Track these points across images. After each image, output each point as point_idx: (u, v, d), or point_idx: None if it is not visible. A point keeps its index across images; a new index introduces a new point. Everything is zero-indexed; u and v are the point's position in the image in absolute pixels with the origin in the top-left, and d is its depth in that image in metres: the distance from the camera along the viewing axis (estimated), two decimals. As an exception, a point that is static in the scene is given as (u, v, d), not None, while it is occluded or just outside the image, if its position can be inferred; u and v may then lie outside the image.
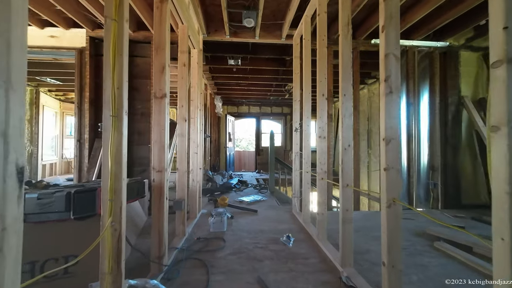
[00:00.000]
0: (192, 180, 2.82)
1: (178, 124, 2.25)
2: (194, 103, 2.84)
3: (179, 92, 2.25)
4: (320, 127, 2.16)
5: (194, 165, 2.84)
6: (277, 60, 4.50)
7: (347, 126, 1.67)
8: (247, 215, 3.09)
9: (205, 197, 4.24)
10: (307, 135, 2.65)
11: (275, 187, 4.78)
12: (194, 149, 2.83)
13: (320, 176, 2.14)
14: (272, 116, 8.81)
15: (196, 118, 2.85)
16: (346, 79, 1.68)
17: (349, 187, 1.65)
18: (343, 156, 1.65)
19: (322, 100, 2.17)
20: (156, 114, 1.62)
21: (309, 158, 2.65)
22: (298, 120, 3.13)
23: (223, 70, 4.99)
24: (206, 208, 3.48)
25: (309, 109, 2.66)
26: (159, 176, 1.61)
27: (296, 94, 3.17)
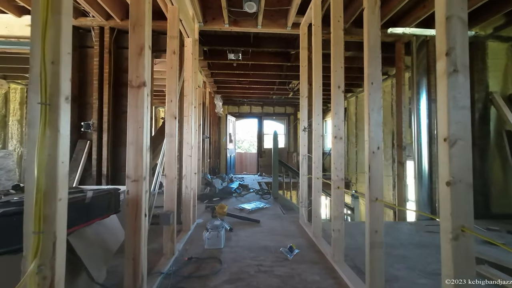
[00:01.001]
0: (185, 187, 2.47)
1: (166, 122, 1.90)
2: (188, 99, 2.50)
3: (168, 85, 1.90)
4: (336, 125, 1.80)
5: (187, 169, 2.49)
6: (281, 54, 4.15)
7: (376, 123, 1.31)
8: (249, 226, 2.73)
9: (203, 203, 3.89)
10: (318, 135, 2.29)
11: (279, 193, 4.42)
12: (188, 151, 2.48)
13: (336, 184, 1.78)
14: (275, 116, 8.46)
15: (190, 116, 2.50)
16: (373, 64, 1.32)
17: (378, 202, 1.28)
18: (370, 161, 1.29)
19: (338, 93, 1.81)
20: (132, 108, 1.27)
21: (320, 162, 2.29)
22: (305, 118, 2.77)
23: (222, 66, 4.66)
24: (202, 217, 3.12)
25: (319, 105, 2.31)
26: (135, 187, 1.26)
27: (304, 89, 2.82)
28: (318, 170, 2.27)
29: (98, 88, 2.75)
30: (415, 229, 2.60)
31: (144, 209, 1.28)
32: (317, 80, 2.30)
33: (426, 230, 2.55)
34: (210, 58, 4.14)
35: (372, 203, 1.28)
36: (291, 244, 2.07)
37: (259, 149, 8.42)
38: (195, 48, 2.70)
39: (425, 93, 3.07)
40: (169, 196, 1.86)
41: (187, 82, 2.50)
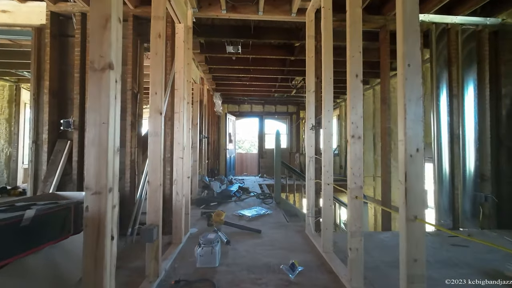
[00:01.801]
0: (176, 193, 2.16)
1: (150, 118, 1.60)
2: (179, 94, 2.19)
3: (152, 74, 1.60)
4: (354, 122, 1.49)
5: (179, 173, 2.18)
6: (284, 47, 3.84)
7: (415, 116, 1.00)
8: (248, 237, 2.42)
9: (199, 208, 3.58)
10: (328, 135, 1.98)
11: (282, 197, 4.10)
12: (179, 152, 2.18)
13: (354, 193, 1.47)
14: (277, 115, 8.15)
15: (182, 113, 2.19)
16: (411, 40, 1.01)
17: (419, 221, 0.97)
18: (407, 167, 0.98)
19: (356, 84, 1.50)
20: (93, 98, 0.97)
21: (331, 166, 1.98)
22: (312, 115, 2.46)
23: (221, 61, 4.35)
24: (197, 225, 2.82)
25: (330, 100, 2.00)
26: (97, 202, 0.95)
27: (310, 83, 2.51)
28: (328, 174, 1.96)
29: (80, 81, 2.45)
30: (438, 242, 2.29)
31: (109, 230, 0.97)
32: (327, 70, 1.99)
33: (451, 244, 2.23)
34: (208, 52, 3.84)
35: (410, 223, 0.97)
36: (293, 261, 1.77)
37: (260, 150, 8.11)
38: (188, 36, 2.40)
39: (445, 88, 2.75)
40: (153, 208, 1.55)
41: (178, 74, 2.20)
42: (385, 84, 2.67)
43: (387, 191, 2.65)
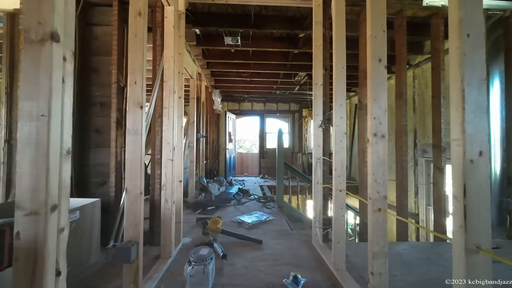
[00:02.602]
0: (165, 200, 1.89)
1: (129, 113, 1.33)
2: (168, 86, 1.92)
3: (131, 60, 1.33)
4: (376, 117, 1.21)
5: (168, 177, 1.91)
6: (287, 39, 3.55)
7: (476, 108, 0.72)
8: (248, 248, 2.15)
9: (195, 214, 3.32)
10: (341, 133, 1.70)
11: (285, 200, 3.83)
12: (169, 154, 1.91)
13: (376, 204, 1.19)
14: (279, 113, 7.86)
15: (172, 109, 1.92)
16: None
17: (483, 253, 0.69)
18: (467, 177, 0.70)
19: (379, 69, 1.22)
20: (28, 80, 0.70)
21: (344, 169, 1.70)
22: (320, 112, 2.18)
23: (219, 54, 4.07)
24: (192, 233, 2.55)
25: (343, 92, 1.72)
26: (33, 225, 0.68)
27: (318, 75, 2.23)
28: (340, 179, 1.68)
29: (59, 73, 2.18)
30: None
31: (52, 263, 0.70)
32: (339, 59, 1.71)
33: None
34: (205, 44, 3.56)
35: (470, 255, 0.69)
36: (295, 273, 1.51)
37: (261, 149, 7.83)
38: (179, 22, 2.12)
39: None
40: (131, 221, 1.28)
41: (167, 63, 1.92)
42: (401, 77, 2.39)
43: (403, 196, 2.37)
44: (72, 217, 1.59)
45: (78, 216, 1.65)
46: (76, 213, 1.64)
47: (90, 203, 1.81)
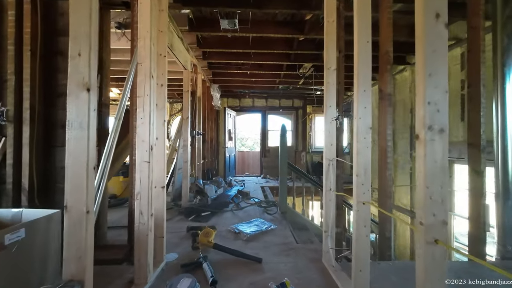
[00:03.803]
0: (139, 213, 1.51)
1: (69, 97, 0.94)
2: (143, 69, 1.52)
3: (72, 21, 0.93)
4: (432, 101, 0.80)
5: (144, 184, 1.52)
6: (291, 23, 3.14)
7: None
8: (244, 269, 1.77)
9: (187, 220, 2.94)
10: (364, 128, 1.30)
11: (288, 205, 3.44)
12: (144, 154, 1.52)
13: (432, 232, 0.78)
14: (281, 110, 7.44)
15: (149, 98, 1.53)
16: None
17: None
18: None
19: (435, 27, 0.81)
20: None
21: (368, 175, 1.30)
22: (333, 103, 1.77)
23: (216, 43, 3.68)
24: (180, 246, 2.17)
25: (367, 75, 1.31)
26: None
27: (330, 58, 1.81)
28: (364, 188, 1.28)
29: (16, 57, 1.81)
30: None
31: None
32: (363, 30, 1.30)
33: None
34: (198, 29, 3.16)
35: None
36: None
37: (263, 148, 7.44)
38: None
39: (513, 65, 2.02)
40: (73, 252, 0.90)
41: (142, 41, 1.53)
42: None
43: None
44: (12, 238, 1.21)
45: (23, 235, 1.28)
46: (19, 232, 1.27)
47: (45, 216, 1.43)
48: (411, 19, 2.99)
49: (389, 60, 1.91)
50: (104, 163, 1.65)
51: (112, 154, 1.70)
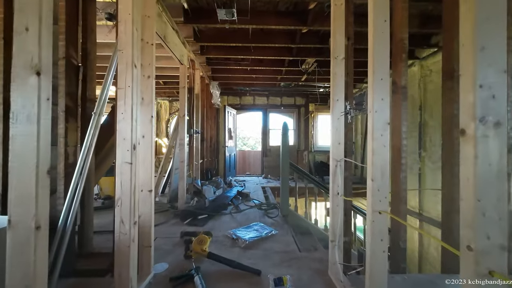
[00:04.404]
0: (119, 221, 1.32)
1: (13, 84, 0.75)
2: (124, 57, 1.33)
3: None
4: (485, 85, 0.60)
5: (125, 188, 1.33)
6: (293, 13, 2.93)
7: None
8: (241, 283, 1.58)
9: (183, 224, 2.76)
10: (381, 123, 1.10)
11: (290, 208, 3.24)
12: (125, 154, 1.33)
13: (486, 262, 0.59)
14: (283, 107, 7.23)
15: (131, 90, 1.34)
16: None
17: None
18: None
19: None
20: None
21: (386, 179, 1.10)
22: (340, 96, 1.57)
23: (214, 36, 3.48)
24: (172, 255, 1.99)
25: (384, 61, 1.10)
26: None
27: (338, 46, 1.61)
28: (381, 195, 1.08)
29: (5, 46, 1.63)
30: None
31: None
32: (379, 8, 1.09)
33: None
34: (195, 21, 2.97)
35: None
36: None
37: (264, 147, 7.24)
38: (146, -28, 1.53)
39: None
40: (16, 278, 0.71)
41: (122, 24, 1.33)
42: (452, 48, 1.74)
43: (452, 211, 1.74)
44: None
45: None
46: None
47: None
48: (423, 7, 2.77)
49: (404, 48, 1.70)
50: (82, 163, 1.47)
51: (91, 153, 1.51)
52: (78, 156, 1.70)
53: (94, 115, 1.50)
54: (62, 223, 1.39)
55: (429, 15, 2.88)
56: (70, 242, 1.66)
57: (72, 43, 1.72)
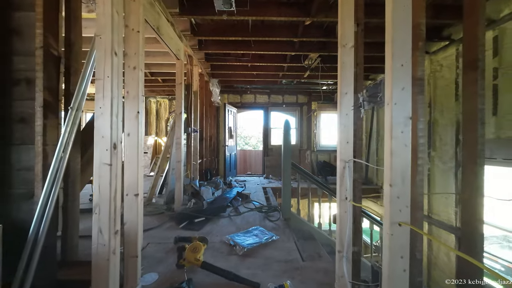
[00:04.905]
0: (97, 231, 1.16)
1: None
2: (102, 43, 1.17)
3: None
4: None
5: (103, 193, 1.17)
6: (295, 3, 2.75)
7: None
8: (238, 299, 1.41)
9: (178, 228, 2.60)
10: (402, 117, 0.92)
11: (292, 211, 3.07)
12: (104, 155, 1.16)
13: None
14: (285, 106, 7.04)
15: (112, 81, 1.17)
16: None
17: None
18: None
19: None
20: None
21: (406, 186, 0.92)
22: (348, 88, 1.40)
23: (212, 29, 3.31)
24: (163, 264, 1.83)
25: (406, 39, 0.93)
26: None
27: (347, 32, 1.44)
28: (401, 203, 0.91)
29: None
30: None
31: None
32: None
33: None
34: (191, 12, 2.80)
35: None
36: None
37: (265, 146, 7.06)
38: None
39: None
40: None
41: (100, 6, 1.17)
42: (475, 35, 1.55)
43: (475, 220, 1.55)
44: None
45: None
46: None
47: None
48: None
49: (421, 35, 1.50)
50: (57, 164, 1.31)
51: (67, 152, 1.35)
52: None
53: (71, 110, 1.34)
54: (34, 230, 1.23)
55: (442, 4, 2.69)
56: (50, 251, 1.51)
57: (51, 31, 1.56)
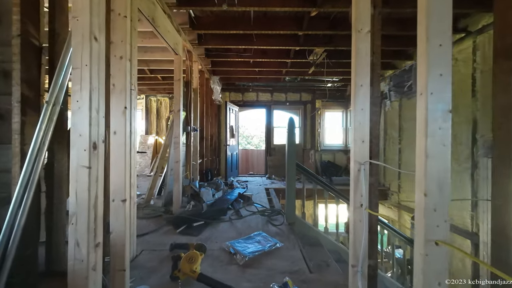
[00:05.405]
0: (74, 244, 1.00)
1: None
2: (79, 26, 1.00)
3: None
4: None
5: (81, 200, 1.01)
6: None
7: None
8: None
9: (175, 233, 2.44)
10: (440, 110, 0.74)
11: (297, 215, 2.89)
12: (81, 156, 1.00)
13: None
14: (288, 103, 6.85)
15: (91, 71, 1.01)
16: None
17: None
18: None
19: None
20: None
21: (445, 195, 0.74)
22: (364, 80, 1.22)
23: (212, 22, 3.14)
24: (156, 274, 1.67)
25: (446, 15, 0.74)
26: None
27: (362, 15, 1.26)
28: (439, 217, 0.74)
29: None
30: None
31: None
32: None
33: None
34: (189, 4, 2.63)
35: None
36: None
37: (268, 145, 6.88)
38: None
39: None
40: None
41: (78, -18, 1.00)
42: (509, 19, 1.36)
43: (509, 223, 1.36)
44: None
45: None
46: None
47: None
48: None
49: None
50: (31, 165, 1.15)
51: (43, 152, 1.19)
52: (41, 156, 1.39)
53: (47, 104, 1.18)
54: (3, 240, 1.08)
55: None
56: (30, 260, 1.36)
57: (30, 18, 1.40)
